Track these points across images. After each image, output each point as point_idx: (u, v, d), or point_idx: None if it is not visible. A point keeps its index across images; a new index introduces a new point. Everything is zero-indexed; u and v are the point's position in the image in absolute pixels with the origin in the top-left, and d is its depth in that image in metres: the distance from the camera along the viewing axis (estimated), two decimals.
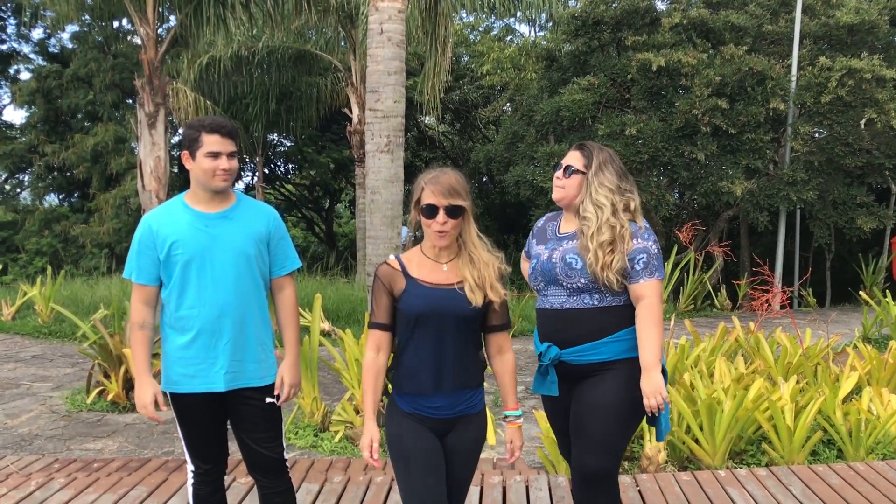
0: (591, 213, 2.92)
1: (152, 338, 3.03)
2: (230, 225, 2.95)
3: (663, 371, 2.90)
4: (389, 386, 2.82)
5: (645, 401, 2.87)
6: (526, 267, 3.32)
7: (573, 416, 2.99)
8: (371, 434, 2.65)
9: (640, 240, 2.90)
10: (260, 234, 3.00)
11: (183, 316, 2.93)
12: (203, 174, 2.89)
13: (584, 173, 2.98)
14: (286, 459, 3.09)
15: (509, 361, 2.78)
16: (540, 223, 3.23)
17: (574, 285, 2.92)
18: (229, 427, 3.10)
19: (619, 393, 2.90)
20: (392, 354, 2.75)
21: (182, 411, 3.01)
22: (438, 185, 2.58)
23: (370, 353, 2.69)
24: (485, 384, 2.79)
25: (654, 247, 2.93)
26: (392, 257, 2.75)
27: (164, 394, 3.01)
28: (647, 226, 2.98)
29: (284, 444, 3.11)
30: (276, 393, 3.08)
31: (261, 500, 3.13)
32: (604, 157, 3.00)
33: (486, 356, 2.81)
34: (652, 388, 2.85)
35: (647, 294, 2.88)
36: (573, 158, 3.00)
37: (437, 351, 2.62)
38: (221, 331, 2.93)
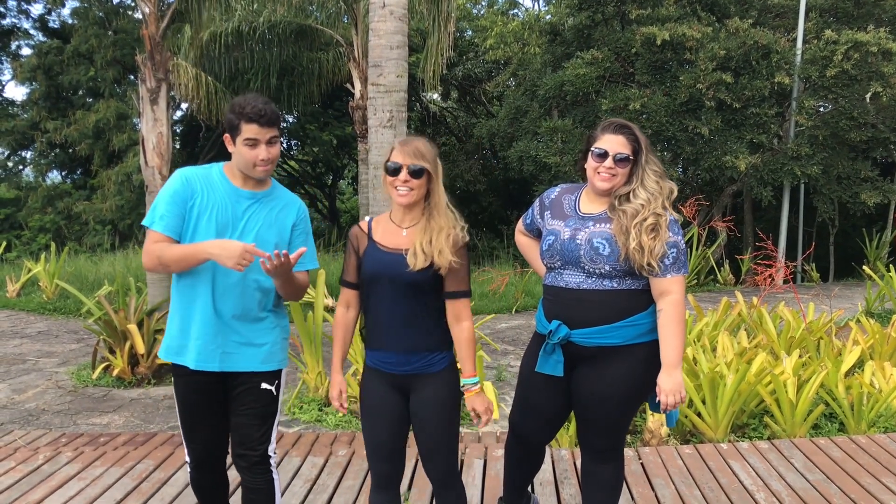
0: (644, 201, 2.81)
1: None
2: (259, 207, 2.89)
3: None
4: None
5: (662, 398, 2.81)
6: (524, 240, 3.27)
7: (580, 403, 2.97)
8: (339, 385, 2.89)
9: (672, 233, 2.82)
10: (284, 224, 2.94)
11: (190, 285, 2.84)
12: (244, 163, 2.83)
13: (635, 160, 2.87)
14: (271, 456, 2.96)
15: (466, 330, 2.79)
16: (553, 194, 3.08)
17: (598, 270, 2.83)
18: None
19: (627, 381, 2.87)
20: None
21: (179, 388, 2.93)
22: (407, 146, 2.72)
23: (340, 308, 2.89)
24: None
25: (682, 241, 2.85)
26: (366, 219, 2.90)
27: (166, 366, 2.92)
28: (675, 218, 2.88)
29: (273, 439, 2.98)
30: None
31: (242, 497, 3.01)
32: (645, 140, 2.90)
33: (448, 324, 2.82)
34: (672, 388, 2.80)
35: (675, 290, 2.80)
36: (619, 144, 2.84)
37: (390, 311, 2.75)
38: (223, 307, 2.83)
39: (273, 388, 2.94)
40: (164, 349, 2.94)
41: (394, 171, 2.72)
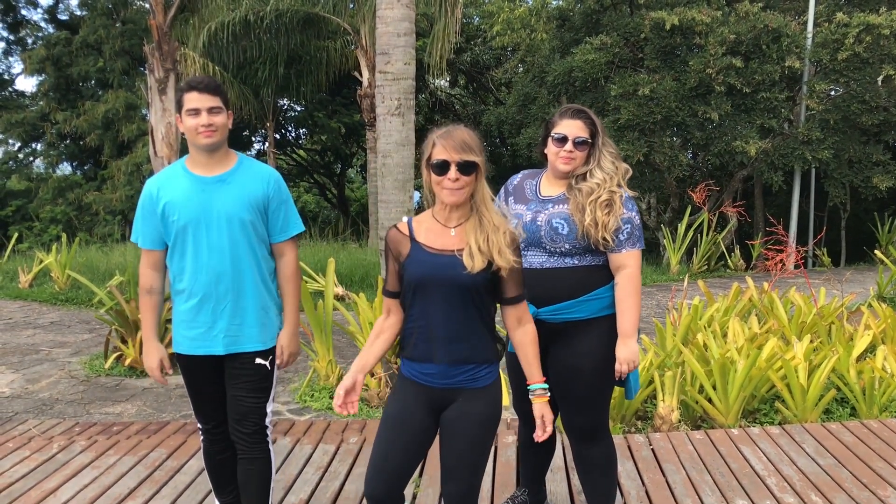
0: (600, 180, 2.95)
1: (161, 302, 3.08)
2: (226, 189, 2.92)
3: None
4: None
5: (617, 366, 2.95)
6: None
7: (554, 379, 3.06)
8: (344, 385, 2.55)
9: (626, 209, 2.95)
10: (257, 199, 2.95)
11: (181, 280, 2.97)
12: (189, 133, 2.88)
13: (592, 143, 3.00)
14: (267, 427, 3.09)
15: (530, 332, 2.59)
16: (516, 180, 3.25)
17: (558, 249, 2.96)
18: None
19: (596, 352, 2.98)
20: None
21: (186, 372, 3.08)
22: (450, 139, 2.43)
23: (382, 315, 2.66)
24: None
25: (636, 217, 2.98)
26: (404, 220, 2.63)
27: (172, 357, 3.11)
28: (630, 195, 3.01)
29: (269, 411, 3.09)
30: (277, 362, 3.09)
31: (238, 472, 3.12)
32: (601, 124, 3.05)
33: (506, 329, 2.67)
34: (626, 356, 2.93)
35: (629, 264, 2.94)
36: (577, 128, 2.97)
37: (439, 320, 2.48)
38: (218, 295, 2.94)
39: (267, 363, 3.06)
40: (176, 345, 3.08)
41: (441, 169, 2.42)
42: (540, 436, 2.59)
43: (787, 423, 4.96)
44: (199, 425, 3.19)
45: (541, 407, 2.60)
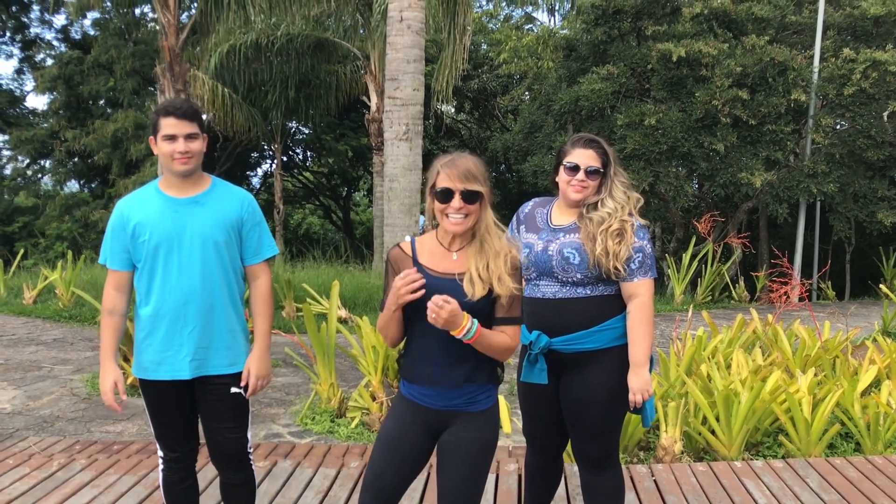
0: (612, 209, 2.96)
1: (122, 324, 3.02)
2: (200, 210, 2.91)
3: (650, 361, 2.99)
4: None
5: (630, 396, 2.95)
6: None
7: (566, 409, 3.07)
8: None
9: (637, 238, 2.96)
10: (230, 220, 2.94)
11: (148, 302, 2.92)
12: (163, 158, 2.87)
13: (604, 172, 3.01)
14: (249, 452, 3.06)
15: (511, 341, 2.53)
16: (527, 209, 3.24)
17: (570, 279, 2.96)
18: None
19: (609, 383, 2.97)
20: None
21: (150, 397, 3.00)
22: (455, 168, 2.44)
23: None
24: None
25: (648, 246, 2.99)
26: (407, 239, 2.64)
27: (128, 379, 3.01)
28: (642, 224, 3.02)
29: (249, 437, 3.07)
30: (242, 384, 3.01)
31: (221, 491, 3.11)
32: (613, 153, 3.07)
33: None
34: (639, 386, 2.93)
35: (641, 293, 2.94)
36: (590, 158, 2.98)
37: (438, 344, 2.48)
38: (187, 318, 2.89)
39: (241, 390, 3.00)
40: (140, 370, 3.02)
41: (444, 198, 2.43)
42: (430, 309, 2.35)
43: (790, 456, 4.93)
44: (160, 454, 3.09)
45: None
